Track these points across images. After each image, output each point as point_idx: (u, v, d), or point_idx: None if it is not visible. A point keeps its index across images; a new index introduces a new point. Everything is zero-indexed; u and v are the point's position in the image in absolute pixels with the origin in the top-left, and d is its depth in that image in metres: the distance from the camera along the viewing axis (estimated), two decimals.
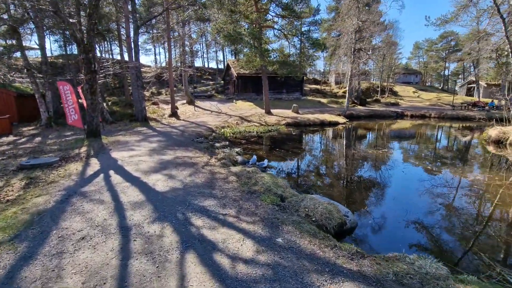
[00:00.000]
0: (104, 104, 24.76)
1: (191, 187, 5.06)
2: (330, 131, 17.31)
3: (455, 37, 58.36)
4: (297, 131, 17.16)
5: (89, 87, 9.81)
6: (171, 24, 20.76)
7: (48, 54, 39.35)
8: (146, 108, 19.47)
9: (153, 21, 33.40)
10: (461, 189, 6.56)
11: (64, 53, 38.51)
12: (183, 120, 18.79)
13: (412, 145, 12.34)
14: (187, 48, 30.00)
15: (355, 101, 34.94)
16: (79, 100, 14.84)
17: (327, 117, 21.12)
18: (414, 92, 49.76)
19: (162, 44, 46.86)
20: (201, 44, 55.76)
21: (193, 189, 4.96)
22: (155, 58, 51.69)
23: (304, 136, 15.62)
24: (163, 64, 51.72)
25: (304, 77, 34.43)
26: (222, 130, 14.90)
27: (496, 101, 27.53)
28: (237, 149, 9.39)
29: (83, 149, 9.04)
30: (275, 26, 20.79)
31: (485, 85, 42.83)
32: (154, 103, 25.77)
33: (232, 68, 31.35)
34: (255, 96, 31.15)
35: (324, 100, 33.91)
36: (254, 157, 7.50)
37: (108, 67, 14.33)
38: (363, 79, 43.52)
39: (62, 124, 16.67)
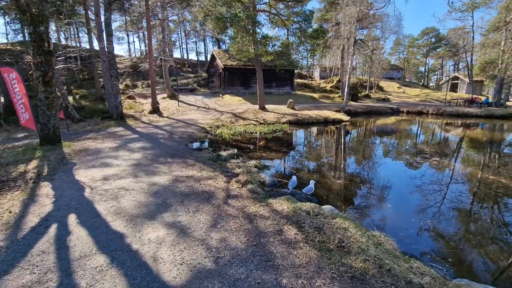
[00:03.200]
0: (71, 98, 21.13)
1: (230, 264, 2.62)
2: (342, 130, 15.28)
3: (435, 34, 59.15)
4: (304, 130, 15.00)
5: (41, 74, 6.89)
6: (149, 7, 17.60)
7: (3, 40, 34.10)
8: (122, 103, 16.35)
9: (126, 5, 29.63)
10: None
11: (23, 39, 33.55)
12: (167, 117, 15.93)
13: (456, 151, 10.42)
14: (166, 37, 26.70)
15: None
16: None
17: (329, 114, 19.15)
18: (398, 87, 49.72)
19: (136, 32, 42.62)
20: (179, 34, 51.99)
21: (237, 270, 2.53)
22: (129, 48, 47.12)
23: (318, 137, 13.45)
24: (138, 54, 47.38)
25: (294, 71, 32.33)
26: (219, 130, 12.35)
27: (490, 98, 27.08)
28: (254, 161, 6.98)
29: (33, 164, 6.21)
30: (272, 11, 18.31)
31: (468, 81, 43.28)
32: (130, 97, 22.47)
33: (217, 59, 28.50)
34: (243, 90, 28.62)
35: (315, 95, 32.06)
36: (294, 178, 5.15)
37: (70, 49, 11.18)
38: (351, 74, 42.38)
39: (15, 123, 13.30)
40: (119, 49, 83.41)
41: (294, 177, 5.16)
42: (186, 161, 6.80)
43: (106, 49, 13.29)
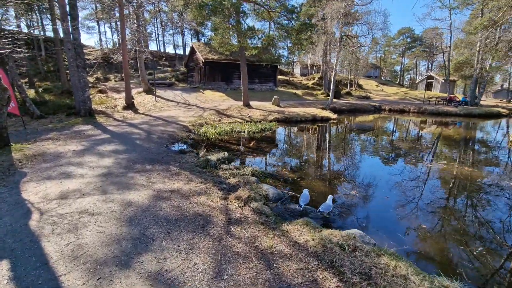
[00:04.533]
0: (33, 91, 18.83)
1: None
2: (333, 129, 14.62)
3: (411, 34, 60.90)
4: (294, 129, 14.15)
5: None
6: None
7: None
8: (91, 97, 14.60)
9: None
10: None
11: None
12: (143, 114, 14.44)
13: (464, 152, 9.99)
14: (141, 27, 24.71)
15: (329, 93, 33.47)
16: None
17: (316, 111, 18.51)
18: (376, 85, 50.69)
19: (108, 20, 39.69)
20: (155, 25, 49.30)
21: None
22: (100, 38, 43.90)
23: (311, 137, 12.60)
24: (110, 45, 44.28)
25: (277, 67, 31.43)
26: (203, 129, 11.17)
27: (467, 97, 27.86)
28: (250, 168, 5.96)
29: None
30: (257, 1, 17.21)
31: (443, 81, 44.83)
32: (101, 91, 20.49)
33: (197, 53, 26.97)
34: (225, 85, 27.38)
35: (298, 92, 31.51)
36: (306, 192, 4.21)
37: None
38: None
39: None
40: (87, 38, 77.77)
41: (306, 191, 4.22)
42: (168, 168, 5.65)
43: (71, 36, 11.59)
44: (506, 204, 5.20)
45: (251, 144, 9.35)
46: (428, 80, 47.44)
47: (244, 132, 11.42)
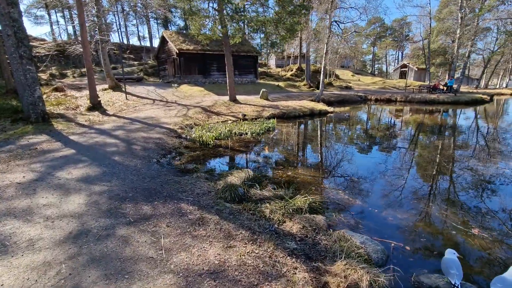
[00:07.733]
0: None
1: None
2: (339, 122, 13.04)
3: (381, 24, 61.70)
4: (298, 125, 12.33)
5: None
6: None
7: None
8: (46, 97, 11.64)
9: None
10: None
11: None
12: (115, 116, 11.77)
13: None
14: (101, 12, 21.19)
15: (311, 84, 32.30)
16: None
17: (312, 104, 16.93)
18: (352, 75, 50.67)
19: (59, 8, 34.70)
20: (116, 15, 44.52)
21: None
22: (52, 29, 38.46)
23: (329, 134, 10.76)
24: (65, 37, 39.07)
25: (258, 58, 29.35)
26: (195, 133, 8.95)
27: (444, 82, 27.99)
28: (301, 198, 4.01)
29: None
30: None
31: (416, 69, 45.66)
32: (57, 89, 17.12)
33: (170, 43, 24.06)
34: (202, 78, 24.86)
35: (281, 84, 29.78)
36: (454, 257, 2.35)
37: None
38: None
39: None
40: (32, 26, 68.85)
41: (453, 256, 2.33)
42: (180, 207, 3.56)
43: (10, 17, 8.67)
44: None
45: (266, 150, 7.40)
46: (402, 69, 48.13)
47: (246, 133, 9.37)
